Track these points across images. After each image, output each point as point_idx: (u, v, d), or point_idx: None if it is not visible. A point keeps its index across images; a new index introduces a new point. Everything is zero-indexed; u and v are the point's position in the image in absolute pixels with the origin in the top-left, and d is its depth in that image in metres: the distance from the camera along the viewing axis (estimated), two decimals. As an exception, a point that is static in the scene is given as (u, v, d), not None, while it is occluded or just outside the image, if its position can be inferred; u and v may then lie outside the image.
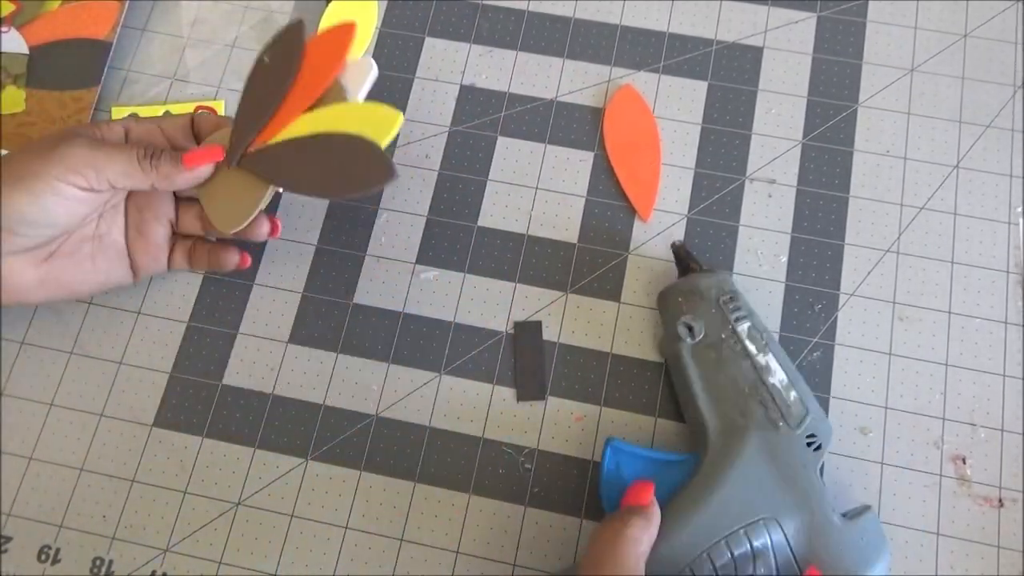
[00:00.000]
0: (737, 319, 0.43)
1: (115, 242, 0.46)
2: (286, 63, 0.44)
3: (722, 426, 0.42)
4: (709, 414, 0.42)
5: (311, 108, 0.43)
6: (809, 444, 0.41)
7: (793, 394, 0.42)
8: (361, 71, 0.44)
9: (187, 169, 0.42)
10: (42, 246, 0.43)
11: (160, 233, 0.46)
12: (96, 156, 0.41)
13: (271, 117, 0.43)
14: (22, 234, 0.41)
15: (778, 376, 0.43)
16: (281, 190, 0.48)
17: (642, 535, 0.38)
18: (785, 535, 0.40)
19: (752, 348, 0.43)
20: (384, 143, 0.41)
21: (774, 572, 0.40)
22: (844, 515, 0.41)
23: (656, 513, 0.39)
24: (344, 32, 0.44)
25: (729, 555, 0.40)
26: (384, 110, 0.42)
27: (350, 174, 0.41)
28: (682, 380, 0.44)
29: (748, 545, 0.40)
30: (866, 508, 0.41)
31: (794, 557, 0.40)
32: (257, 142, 0.44)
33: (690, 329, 0.44)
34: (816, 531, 0.40)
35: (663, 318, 0.46)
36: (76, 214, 0.42)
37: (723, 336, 0.43)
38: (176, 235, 0.48)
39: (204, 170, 0.43)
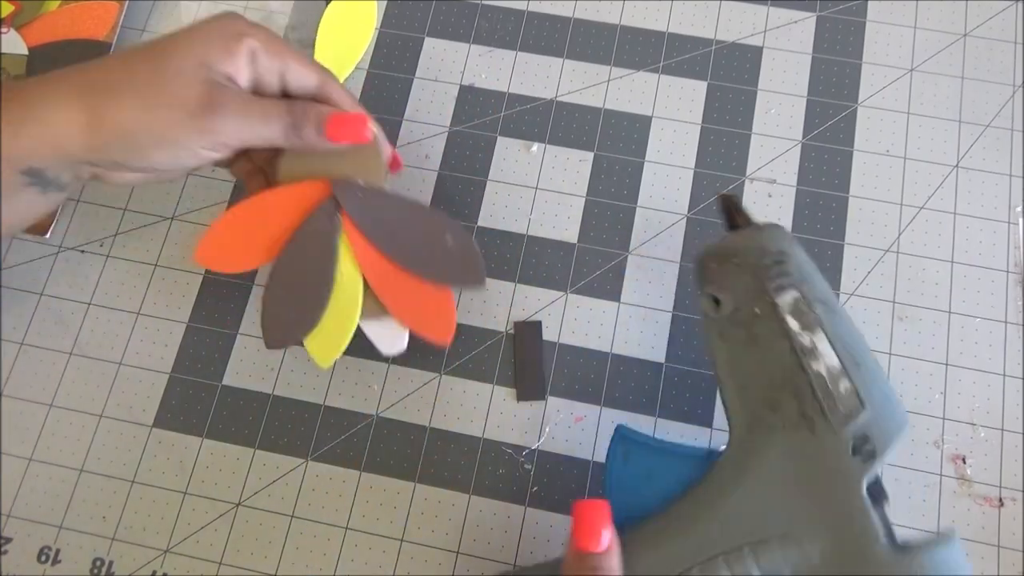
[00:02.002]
0: (779, 288, 0.35)
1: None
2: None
3: (748, 420, 0.35)
4: (735, 404, 0.36)
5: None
6: (856, 451, 0.33)
7: (844, 384, 0.34)
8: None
9: (331, 142, 0.40)
10: None
11: None
12: (243, 132, 0.38)
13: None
14: (147, 172, 0.40)
15: (826, 361, 0.34)
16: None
17: None
18: (807, 561, 0.33)
19: (794, 325, 0.35)
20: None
21: None
22: (907, 543, 0.33)
23: (614, 553, 0.34)
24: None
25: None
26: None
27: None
28: (712, 363, 0.38)
29: (754, 568, 0.33)
30: (947, 537, 0.34)
31: None
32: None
33: (716, 302, 0.36)
34: (851, 559, 0.32)
35: (697, 287, 0.39)
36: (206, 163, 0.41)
37: (757, 310, 0.35)
38: None
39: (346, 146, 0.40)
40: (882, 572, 0.32)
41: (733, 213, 0.40)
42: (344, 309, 0.42)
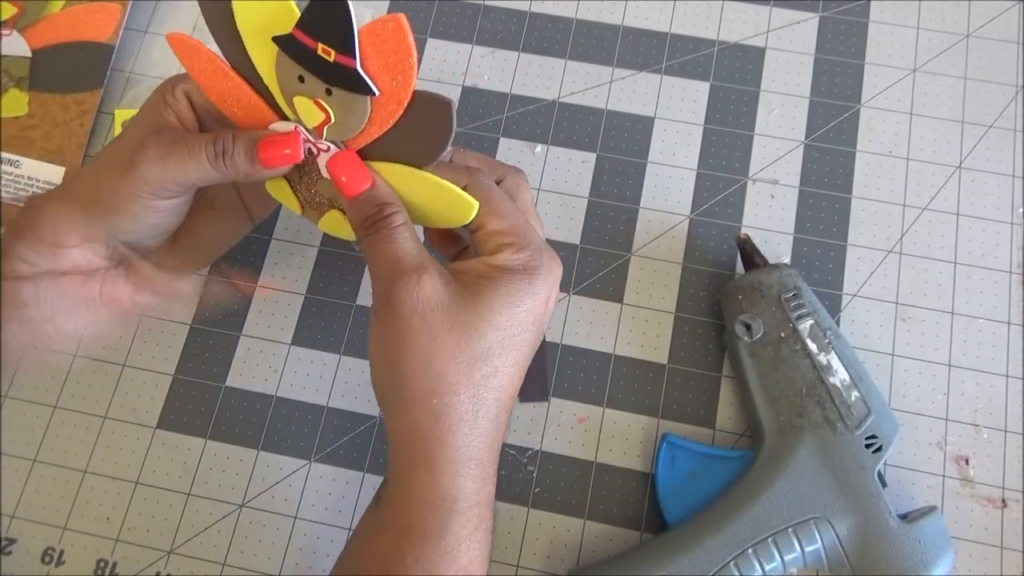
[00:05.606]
0: (799, 317, 0.43)
1: (227, 199, 0.44)
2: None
3: (778, 425, 0.43)
4: (765, 412, 0.43)
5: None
6: (868, 445, 0.42)
7: (855, 394, 0.43)
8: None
9: (264, 169, 0.38)
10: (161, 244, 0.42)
11: None
12: (171, 172, 0.38)
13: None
14: (143, 244, 0.41)
15: (840, 376, 0.43)
16: None
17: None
18: (837, 535, 0.40)
19: (813, 347, 0.43)
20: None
21: (826, 570, 0.41)
22: (906, 516, 0.42)
23: (379, 183, 0.37)
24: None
25: (777, 555, 0.40)
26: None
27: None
28: (739, 377, 0.45)
29: (797, 544, 0.40)
30: (931, 509, 0.42)
31: (847, 557, 0.41)
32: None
33: (748, 327, 0.44)
34: (870, 533, 0.40)
35: (724, 314, 0.46)
36: (182, 210, 0.41)
37: (783, 335, 0.43)
38: None
39: (283, 168, 0.39)
40: (898, 540, 0.40)
41: (751, 254, 0.46)
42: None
